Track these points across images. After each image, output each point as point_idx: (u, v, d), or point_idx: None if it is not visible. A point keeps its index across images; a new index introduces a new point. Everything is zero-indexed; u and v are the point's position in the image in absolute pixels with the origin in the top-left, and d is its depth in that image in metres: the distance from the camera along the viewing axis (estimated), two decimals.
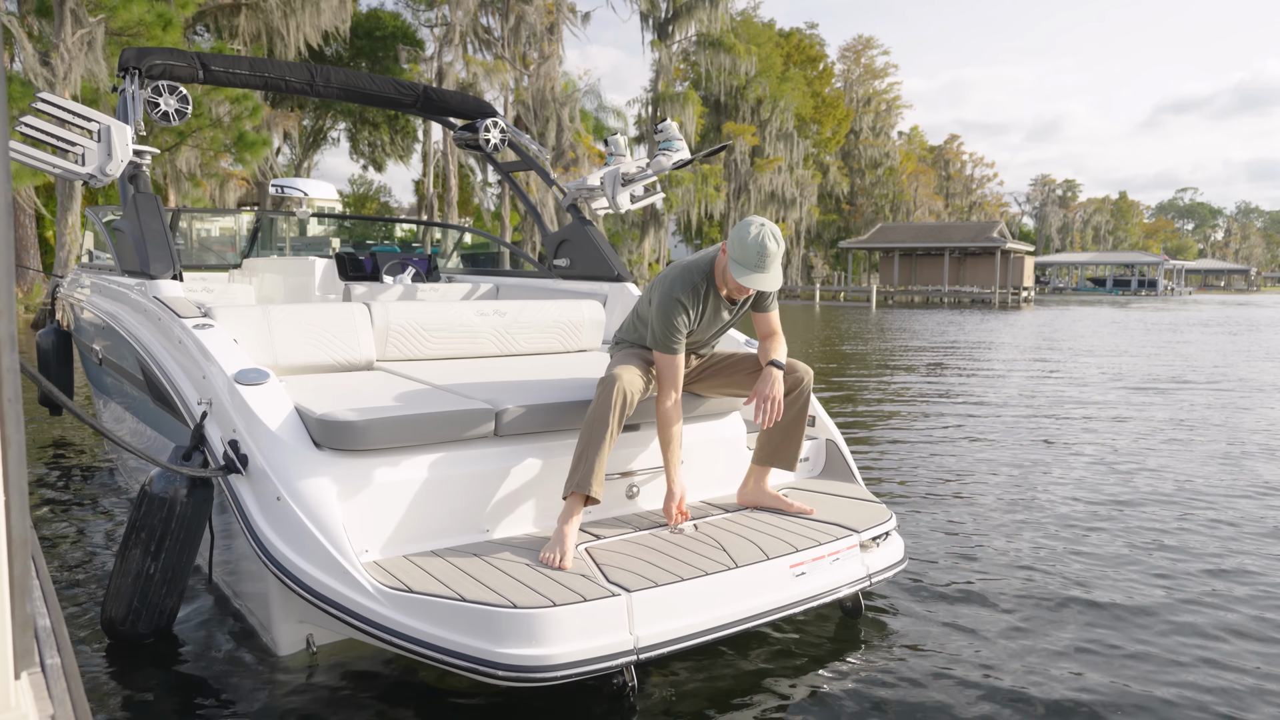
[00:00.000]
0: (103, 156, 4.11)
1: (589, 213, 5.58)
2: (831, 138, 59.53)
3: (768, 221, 3.09)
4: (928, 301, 49.45)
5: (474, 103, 5.90)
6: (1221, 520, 4.79)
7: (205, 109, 21.19)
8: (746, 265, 3.08)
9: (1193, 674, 2.95)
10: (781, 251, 3.12)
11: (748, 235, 3.07)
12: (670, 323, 3.18)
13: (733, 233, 3.12)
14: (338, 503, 2.74)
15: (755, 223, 3.08)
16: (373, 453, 2.91)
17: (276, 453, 2.82)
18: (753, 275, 3.08)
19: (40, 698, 1.87)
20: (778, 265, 3.13)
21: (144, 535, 2.90)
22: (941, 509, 4.97)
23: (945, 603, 3.55)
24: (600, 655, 2.47)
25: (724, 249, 3.19)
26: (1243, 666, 3.01)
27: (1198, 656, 3.09)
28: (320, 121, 37.63)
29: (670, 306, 3.19)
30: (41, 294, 20.51)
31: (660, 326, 3.19)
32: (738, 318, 3.49)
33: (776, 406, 3.18)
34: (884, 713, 2.68)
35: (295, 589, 2.62)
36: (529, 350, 4.53)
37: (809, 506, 3.40)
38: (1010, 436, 7.27)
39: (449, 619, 2.47)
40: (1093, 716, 2.65)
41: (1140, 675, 2.94)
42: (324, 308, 3.88)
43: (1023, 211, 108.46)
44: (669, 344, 3.18)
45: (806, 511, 3.37)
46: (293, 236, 8.01)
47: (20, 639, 1.84)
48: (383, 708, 2.69)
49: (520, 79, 36.53)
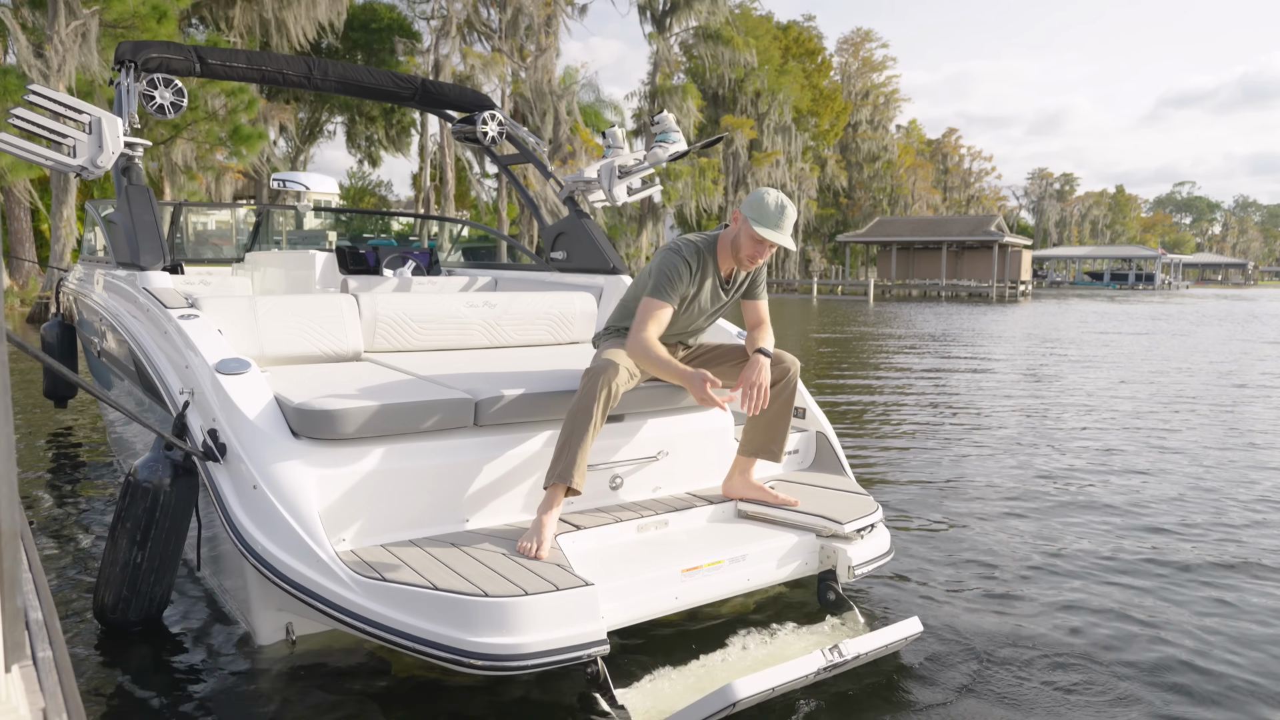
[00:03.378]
0: (94, 149, 4.09)
1: (586, 205, 5.56)
2: (829, 131, 59.47)
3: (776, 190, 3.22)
4: (925, 295, 49.46)
5: (472, 95, 5.88)
6: (1217, 490, 4.79)
7: (200, 102, 21.11)
8: (767, 224, 3.18)
9: (1178, 633, 2.97)
10: (795, 219, 3.24)
11: (768, 197, 3.21)
12: (668, 273, 3.24)
13: (748, 199, 3.25)
14: (314, 491, 2.74)
15: (773, 190, 3.22)
16: (350, 442, 2.90)
17: (253, 441, 2.82)
18: (774, 232, 3.18)
19: (31, 691, 1.85)
20: (792, 229, 3.26)
21: (129, 525, 2.92)
22: (933, 501, 4.96)
23: (931, 596, 3.55)
24: (571, 645, 2.47)
25: (734, 220, 3.30)
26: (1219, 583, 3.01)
27: (1191, 626, 3.10)
28: (316, 114, 37.50)
29: (673, 260, 3.26)
30: (38, 287, 20.46)
31: (658, 276, 3.24)
32: (730, 301, 3.48)
33: (763, 394, 3.16)
34: (868, 700, 2.68)
35: (270, 577, 2.62)
36: (519, 342, 4.51)
37: (794, 498, 3.39)
38: (1005, 431, 7.27)
39: (422, 608, 2.48)
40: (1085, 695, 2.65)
41: (1126, 636, 2.95)
42: (311, 299, 3.87)
43: (1020, 205, 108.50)
44: (662, 290, 3.23)
45: (791, 503, 3.36)
46: (290, 230, 7.99)
47: (10, 631, 1.82)
48: (361, 696, 2.69)
49: (518, 71, 36.44)
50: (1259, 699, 2.76)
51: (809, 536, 3.24)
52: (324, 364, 3.82)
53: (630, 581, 2.80)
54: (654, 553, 3.01)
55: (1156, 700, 2.74)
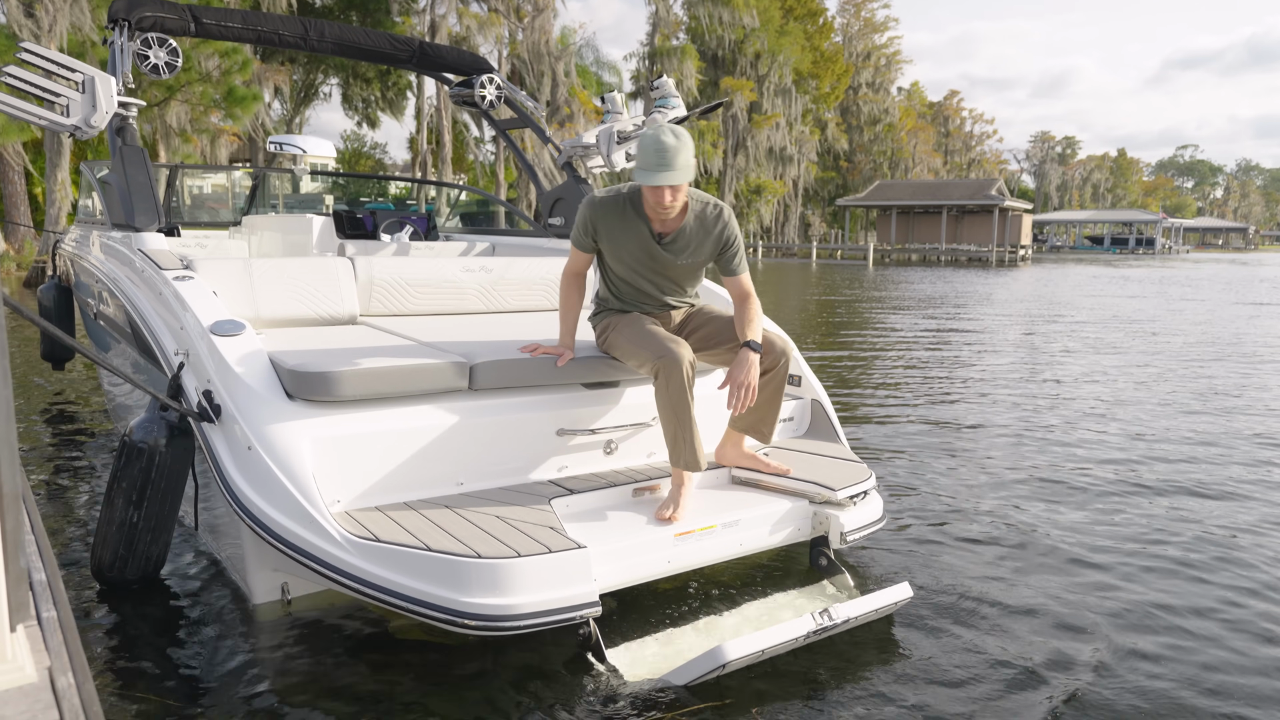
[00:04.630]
0: (87, 108, 4.05)
1: (584, 171, 5.53)
2: (830, 93, 58.87)
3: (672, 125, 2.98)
4: (925, 260, 49.33)
5: (470, 58, 5.82)
6: (1223, 453, 4.84)
7: (194, 63, 20.85)
8: (647, 168, 2.95)
9: (1166, 593, 3.02)
10: (685, 147, 2.94)
11: (644, 139, 2.96)
12: (578, 220, 3.26)
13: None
14: (308, 453, 2.76)
15: (658, 128, 2.98)
16: (345, 404, 2.92)
17: (248, 403, 2.83)
18: (654, 174, 2.93)
19: (37, 650, 1.89)
20: (683, 160, 2.94)
21: (125, 485, 2.95)
22: (930, 467, 5.00)
23: (923, 560, 3.59)
24: (564, 606, 2.51)
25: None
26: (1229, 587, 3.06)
27: (1181, 603, 3.15)
28: (311, 76, 37.03)
29: (583, 209, 3.24)
30: (34, 251, 20.37)
31: (576, 221, 3.29)
32: (690, 264, 3.25)
33: (750, 394, 3.05)
34: (856, 669, 2.73)
35: (265, 537, 2.65)
36: (516, 307, 4.51)
37: (786, 466, 3.40)
38: (1002, 398, 7.30)
39: (416, 568, 2.51)
40: (1056, 660, 2.71)
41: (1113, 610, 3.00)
42: (307, 262, 3.86)
43: (1022, 169, 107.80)
44: (575, 235, 3.29)
45: (784, 471, 3.37)
46: (286, 194, 7.95)
47: (15, 592, 1.85)
48: (355, 655, 2.74)
49: (515, 32, 35.96)
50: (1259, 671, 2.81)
51: (802, 503, 3.28)
52: (319, 327, 3.82)
53: (623, 545, 2.83)
54: (647, 517, 3.05)
55: (1147, 664, 2.79)
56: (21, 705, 1.70)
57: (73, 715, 1.67)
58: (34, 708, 1.69)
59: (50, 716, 1.67)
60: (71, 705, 1.70)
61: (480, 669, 2.68)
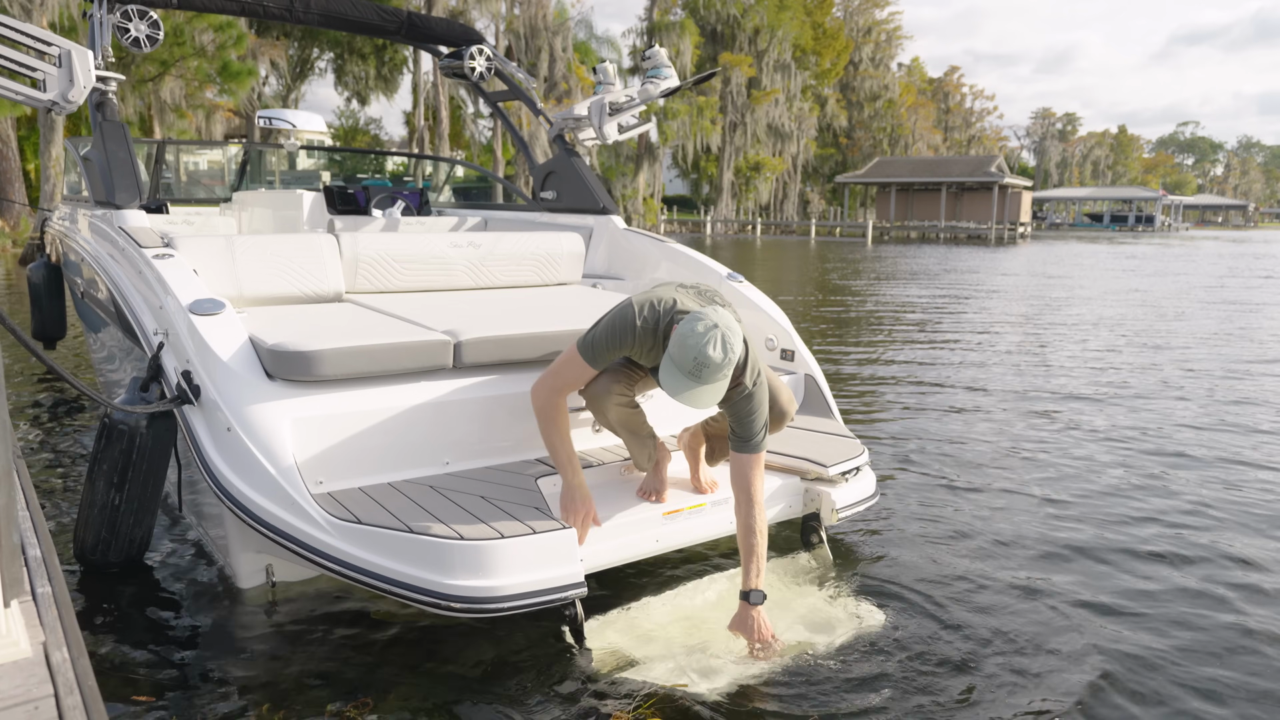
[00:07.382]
0: (64, 83, 3.94)
1: (578, 144, 5.49)
2: (830, 69, 58.42)
3: (727, 322, 2.43)
4: (924, 237, 49.17)
5: (460, 29, 5.73)
6: (1221, 430, 4.86)
7: (188, 37, 20.66)
8: (681, 369, 2.43)
9: (1162, 587, 3.03)
10: (731, 363, 2.41)
11: (693, 330, 2.42)
12: (610, 335, 2.67)
13: (678, 329, 2.48)
14: (289, 434, 2.71)
15: (707, 319, 2.43)
16: (326, 384, 2.87)
17: (228, 383, 2.78)
18: (684, 383, 2.42)
19: (31, 625, 1.90)
20: (720, 383, 2.43)
21: (106, 467, 2.90)
22: (923, 444, 4.99)
23: (917, 538, 3.57)
24: (549, 587, 2.48)
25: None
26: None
27: (1173, 587, 3.15)
28: (306, 51, 36.70)
29: (625, 326, 2.65)
30: (29, 228, 20.27)
31: (602, 329, 2.70)
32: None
33: (767, 647, 2.63)
34: (842, 654, 2.73)
35: (246, 519, 2.62)
36: (505, 283, 4.44)
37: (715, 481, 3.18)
38: (997, 376, 7.30)
39: (399, 550, 2.48)
40: (1035, 637, 2.73)
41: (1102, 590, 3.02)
42: (290, 238, 3.79)
43: (1022, 146, 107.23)
44: (592, 348, 2.70)
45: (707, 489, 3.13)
46: (282, 170, 7.88)
47: (9, 568, 1.86)
48: (340, 636, 2.72)
49: (512, 6, 35.61)
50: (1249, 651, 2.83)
51: (793, 480, 3.25)
52: (303, 305, 3.75)
53: (611, 524, 2.81)
54: (635, 496, 3.02)
55: (1129, 645, 2.78)
56: (16, 679, 1.70)
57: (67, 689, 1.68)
58: (29, 682, 1.70)
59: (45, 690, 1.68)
60: (66, 679, 1.71)
61: (465, 650, 2.66)
